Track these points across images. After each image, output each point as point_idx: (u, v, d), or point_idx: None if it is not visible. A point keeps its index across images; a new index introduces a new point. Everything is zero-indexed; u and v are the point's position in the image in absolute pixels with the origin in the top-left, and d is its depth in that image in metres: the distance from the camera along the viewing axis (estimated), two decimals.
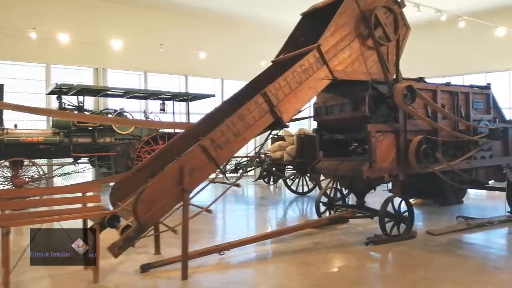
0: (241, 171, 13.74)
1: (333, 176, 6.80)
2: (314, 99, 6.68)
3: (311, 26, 6.18)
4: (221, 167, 4.54)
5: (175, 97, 12.07)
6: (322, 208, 6.94)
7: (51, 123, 10.32)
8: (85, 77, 13.20)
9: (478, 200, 9.53)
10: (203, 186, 4.64)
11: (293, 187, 10.59)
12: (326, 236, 6.03)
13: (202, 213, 4.52)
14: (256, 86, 5.43)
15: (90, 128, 10.28)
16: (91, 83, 12.96)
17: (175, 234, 4.30)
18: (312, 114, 6.88)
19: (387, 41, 5.73)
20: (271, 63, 6.06)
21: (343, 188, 7.11)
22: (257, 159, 12.85)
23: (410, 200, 8.55)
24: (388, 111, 5.88)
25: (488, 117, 7.21)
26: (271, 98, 4.75)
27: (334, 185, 7.28)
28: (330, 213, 6.80)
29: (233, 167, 14.10)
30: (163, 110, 11.48)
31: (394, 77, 5.93)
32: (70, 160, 10.47)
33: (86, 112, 10.53)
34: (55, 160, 11.41)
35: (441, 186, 6.94)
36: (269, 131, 5.33)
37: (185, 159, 4.21)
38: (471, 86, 7.08)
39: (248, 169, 13.77)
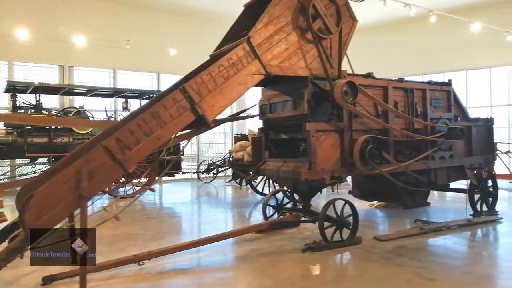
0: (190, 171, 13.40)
1: (276, 178, 6.43)
2: (259, 96, 6.35)
3: (254, 18, 5.79)
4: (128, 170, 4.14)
5: (142, 95, 11.67)
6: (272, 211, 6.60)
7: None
8: (50, 75, 12.78)
9: (451, 202, 9.13)
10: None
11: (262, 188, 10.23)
12: (267, 242, 5.67)
13: (150, 216, 4.14)
14: None
15: (46, 127, 9.87)
16: (57, 81, 12.54)
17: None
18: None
19: (328, 34, 5.34)
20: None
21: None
22: (229, 160, 12.49)
23: (373, 203, 8.33)
24: (332, 109, 5.52)
25: (448, 115, 6.86)
26: (192, 95, 4.37)
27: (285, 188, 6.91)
28: (278, 217, 6.43)
29: (206, 168, 13.77)
30: (126, 108, 11.08)
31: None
32: (26, 160, 10.07)
33: (44, 111, 10.12)
34: (17, 161, 11.02)
35: (394, 188, 6.56)
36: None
37: (84, 161, 3.81)
38: (429, 83, 6.72)
39: (220, 169, 13.40)
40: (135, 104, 11.56)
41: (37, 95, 10.04)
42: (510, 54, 13.50)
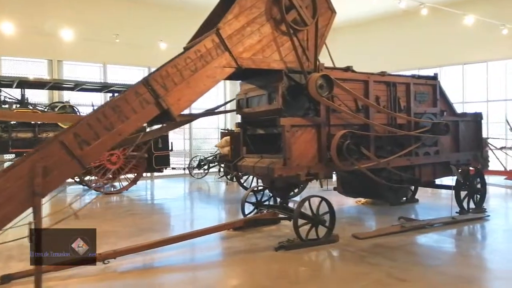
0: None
1: (253, 174, 6.28)
2: (237, 90, 6.19)
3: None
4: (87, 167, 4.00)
5: None
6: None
7: None
8: (40, 70, 12.66)
9: (442, 199, 8.90)
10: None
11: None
12: (243, 240, 5.52)
13: (133, 212, 4.01)
14: None
15: (32, 122, 9.74)
16: (46, 76, 12.42)
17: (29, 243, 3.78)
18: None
19: (303, 26, 5.16)
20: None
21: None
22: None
23: (360, 199, 8.17)
24: (309, 104, 5.34)
25: (433, 110, 6.67)
26: (156, 88, 4.23)
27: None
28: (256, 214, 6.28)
29: (197, 163, 13.64)
30: None
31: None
32: (11, 156, 9.96)
33: (29, 106, 10.01)
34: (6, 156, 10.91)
35: (377, 185, 6.37)
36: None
37: (39, 157, 3.68)
38: (413, 76, 6.52)
39: (211, 165, 13.27)
40: None
41: (22, 89, 9.95)
42: (507, 48, 13.26)
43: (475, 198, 7.04)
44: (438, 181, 7.51)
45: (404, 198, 8.11)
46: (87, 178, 10.31)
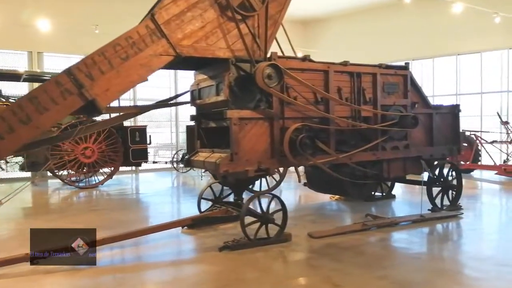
0: None
1: (204, 169, 5.99)
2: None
3: None
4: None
5: None
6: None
7: None
8: (20, 62, 12.44)
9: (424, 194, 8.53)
10: None
11: None
12: (194, 239, 5.28)
13: (96, 208, 3.78)
14: None
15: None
16: (26, 68, 12.19)
17: None
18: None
19: (251, 12, 4.83)
20: None
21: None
22: None
23: (335, 196, 7.84)
24: (260, 95, 5.01)
25: (403, 102, 6.30)
26: (79, 77, 3.96)
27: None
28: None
29: (181, 157, 13.38)
30: None
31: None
32: None
33: (2, 98, 9.81)
34: None
35: (339, 181, 6.02)
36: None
37: None
38: (380, 66, 6.13)
39: None
40: None
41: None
42: (501, 38, 12.76)
43: (450, 194, 6.70)
44: None
45: (381, 194, 7.81)
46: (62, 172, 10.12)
